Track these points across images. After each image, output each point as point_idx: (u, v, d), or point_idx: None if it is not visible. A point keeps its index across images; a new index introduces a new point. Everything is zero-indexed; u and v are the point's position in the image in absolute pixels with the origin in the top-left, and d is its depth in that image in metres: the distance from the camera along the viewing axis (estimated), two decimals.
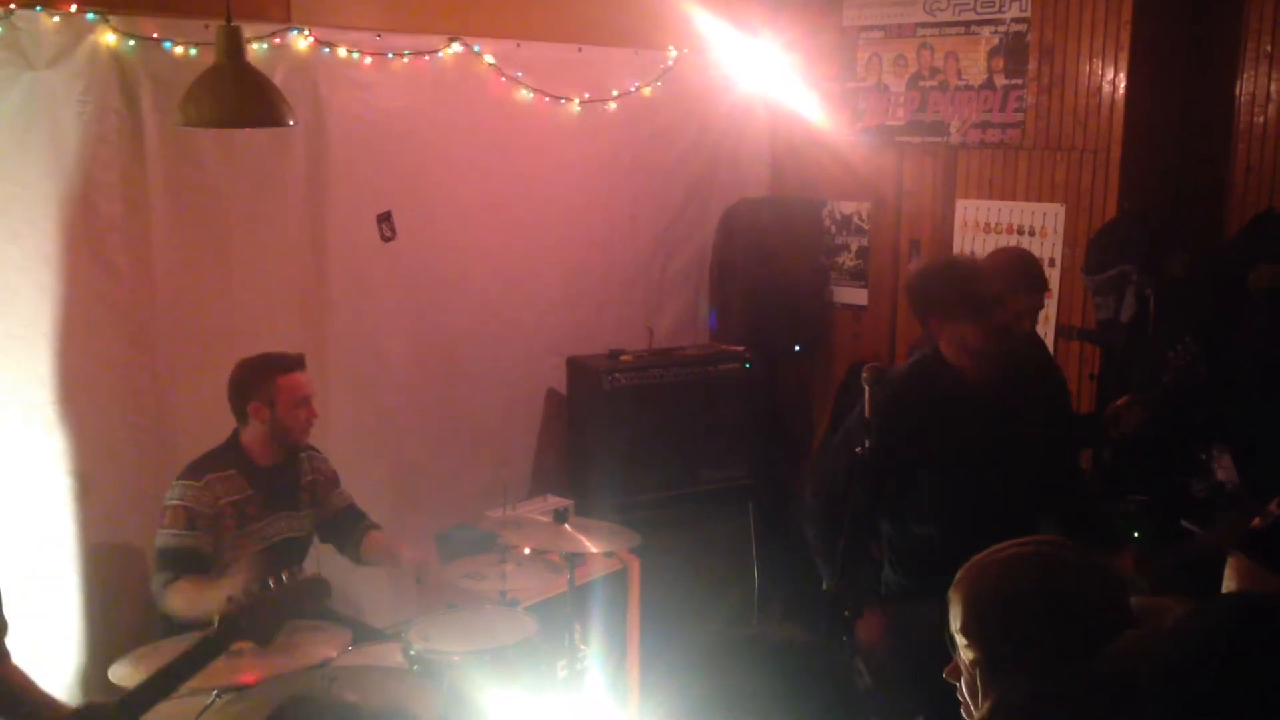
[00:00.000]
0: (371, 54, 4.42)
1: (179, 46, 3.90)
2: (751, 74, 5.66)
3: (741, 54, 5.60)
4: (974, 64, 5.16)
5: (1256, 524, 2.44)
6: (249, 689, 2.88)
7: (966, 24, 5.17)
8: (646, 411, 5.03)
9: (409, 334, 4.73)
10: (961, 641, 1.84)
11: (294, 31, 4.19)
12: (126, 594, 3.85)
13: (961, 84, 5.22)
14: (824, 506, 3.33)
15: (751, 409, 5.32)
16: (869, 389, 3.22)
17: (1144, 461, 4.38)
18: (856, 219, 5.72)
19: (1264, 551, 2.17)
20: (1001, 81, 5.07)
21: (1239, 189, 4.85)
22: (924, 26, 5.32)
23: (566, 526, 3.66)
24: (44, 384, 3.75)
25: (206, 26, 3.78)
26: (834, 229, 5.80)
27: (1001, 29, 5.05)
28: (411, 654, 3.29)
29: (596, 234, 5.33)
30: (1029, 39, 4.96)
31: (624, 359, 5.09)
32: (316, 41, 4.25)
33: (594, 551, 3.70)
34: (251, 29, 3.91)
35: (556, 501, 4.40)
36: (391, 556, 3.84)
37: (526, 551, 3.85)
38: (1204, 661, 1.48)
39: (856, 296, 5.77)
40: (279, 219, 4.30)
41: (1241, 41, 4.80)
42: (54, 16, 3.66)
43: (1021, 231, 5.06)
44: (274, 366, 3.63)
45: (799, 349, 5.78)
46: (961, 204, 5.28)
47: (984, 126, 5.16)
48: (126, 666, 3.04)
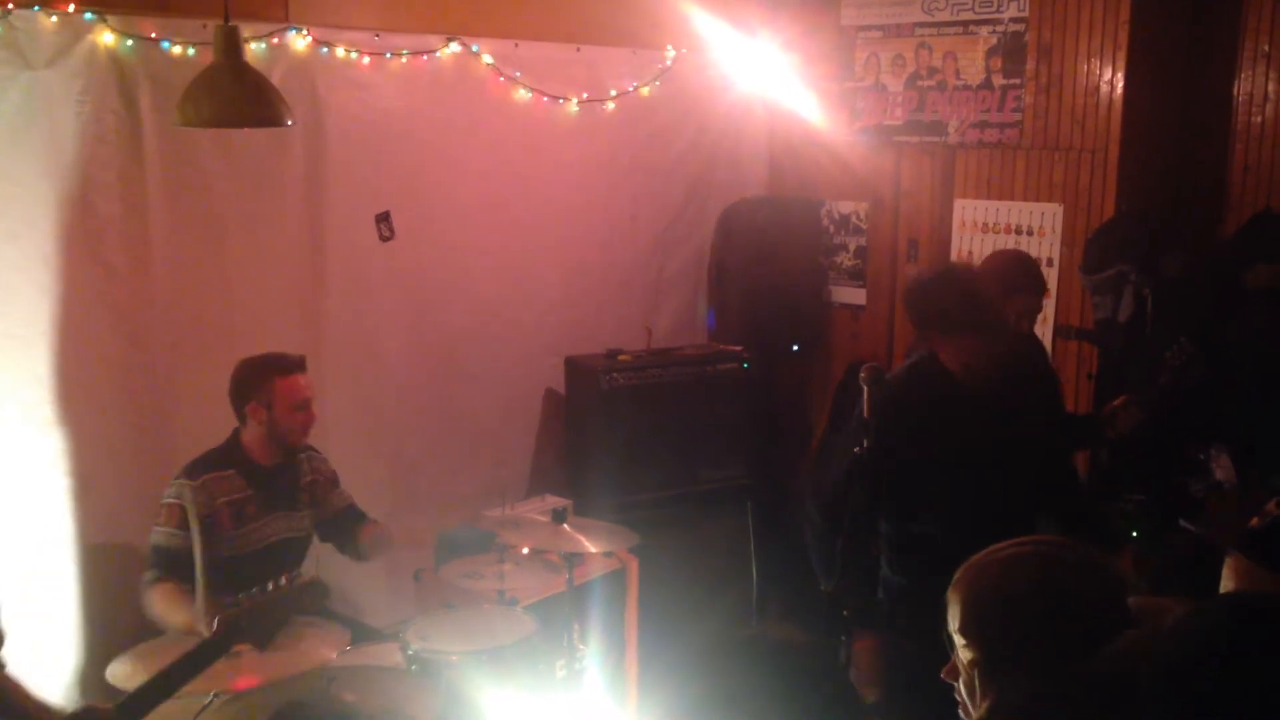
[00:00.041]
0: (370, 54, 4.42)
1: (177, 46, 3.90)
2: (750, 74, 5.66)
3: (740, 54, 5.60)
4: (972, 64, 5.16)
5: (1255, 524, 2.43)
6: (247, 690, 2.88)
7: (965, 24, 5.17)
8: (645, 411, 5.03)
9: (407, 334, 4.73)
10: (960, 641, 1.84)
11: (292, 31, 4.19)
12: (125, 594, 3.83)
13: (959, 84, 5.22)
14: (825, 508, 3.33)
15: (750, 409, 5.32)
16: (867, 389, 3.22)
17: (1141, 461, 4.38)
18: (855, 219, 5.72)
19: (1262, 551, 2.16)
20: (999, 81, 5.07)
21: (1237, 189, 4.85)
22: (922, 26, 5.32)
23: (565, 526, 3.67)
24: (42, 384, 3.75)
25: (205, 26, 3.78)
26: (832, 229, 5.80)
27: (1000, 29, 5.05)
28: (410, 654, 3.29)
29: (595, 234, 5.33)
30: (1027, 39, 4.96)
31: (622, 359, 5.09)
32: (315, 41, 4.25)
33: (592, 551, 3.70)
34: (250, 29, 3.91)
35: (555, 501, 4.40)
36: (387, 540, 3.87)
37: (525, 551, 3.85)
38: (1204, 661, 1.48)
39: (854, 296, 5.77)
40: (277, 219, 4.30)
41: (1239, 41, 4.81)
42: (52, 16, 3.66)
43: (1019, 231, 5.06)
44: (273, 368, 3.63)
45: (797, 349, 5.79)
46: (959, 204, 5.28)
47: (982, 126, 5.16)
48: (124, 666, 3.04)
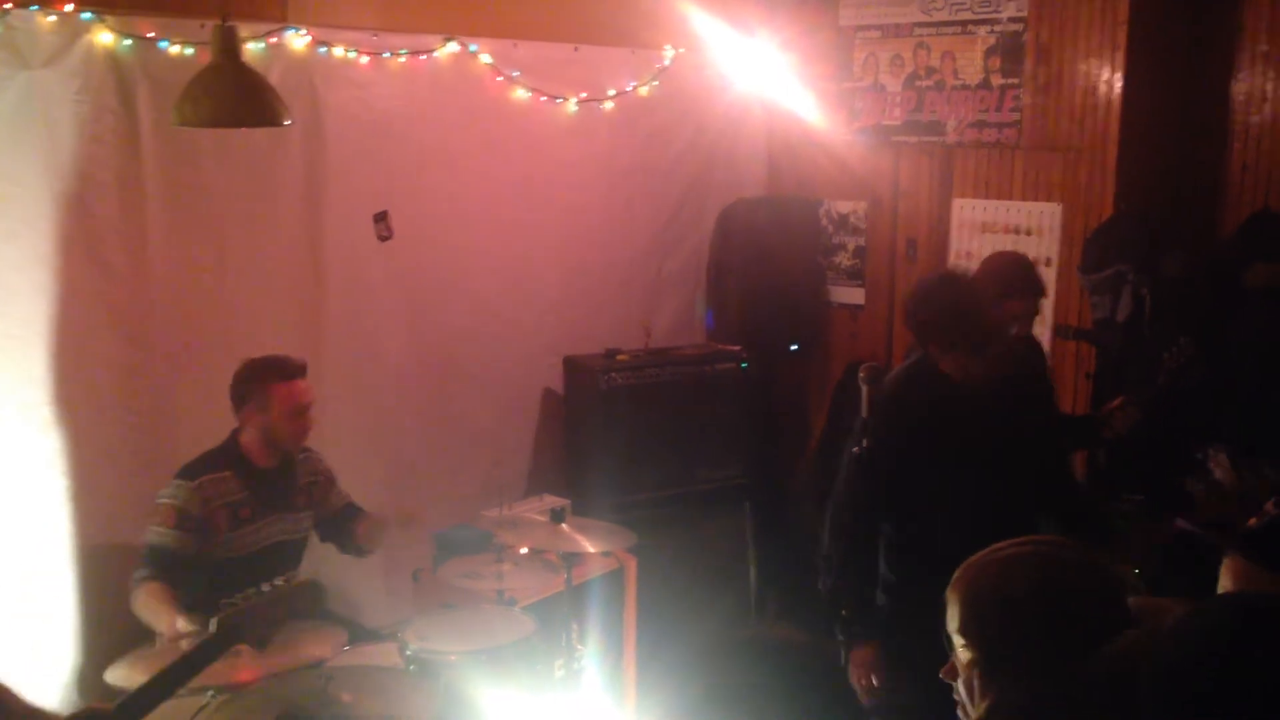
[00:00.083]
0: (368, 53, 4.42)
1: (175, 46, 3.89)
2: (748, 74, 5.66)
3: (738, 54, 5.59)
4: (970, 63, 5.16)
5: (1253, 524, 2.43)
6: (245, 690, 2.88)
7: (963, 24, 5.17)
8: (643, 411, 5.03)
9: (406, 334, 4.72)
10: (959, 641, 1.84)
11: (290, 31, 4.18)
12: (123, 595, 3.83)
13: (958, 83, 5.22)
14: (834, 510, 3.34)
15: (748, 408, 5.32)
16: (866, 388, 3.22)
17: (1139, 462, 4.38)
18: (853, 218, 5.72)
19: (1261, 551, 2.16)
20: (998, 81, 5.07)
21: (1235, 188, 4.85)
22: (920, 26, 5.32)
23: (563, 526, 3.67)
24: (40, 384, 3.75)
25: (203, 26, 3.77)
26: (830, 228, 5.80)
27: (998, 29, 5.05)
28: (408, 654, 3.29)
29: (593, 234, 5.32)
30: (1025, 39, 4.96)
31: (620, 359, 5.09)
32: (313, 41, 4.25)
33: (591, 551, 3.70)
34: (248, 28, 3.90)
35: (553, 501, 4.40)
36: (381, 526, 3.84)
37: (523, 551, 3.84)
38: (1204, 662, 1.47)
39: (853, 296, 5.77)
40: (276, 219, 4.30)
41: (1238, 41, 4.81)
42: (50, 16, 3.66)
43: (1018, 231, 5.06)
44: (272, 372, 3.61)
45: (795, 348, 5.78)
46: (958, 203, 5.28)
47: (980, 126, 5.16)
48: (123, 669, 3.04)
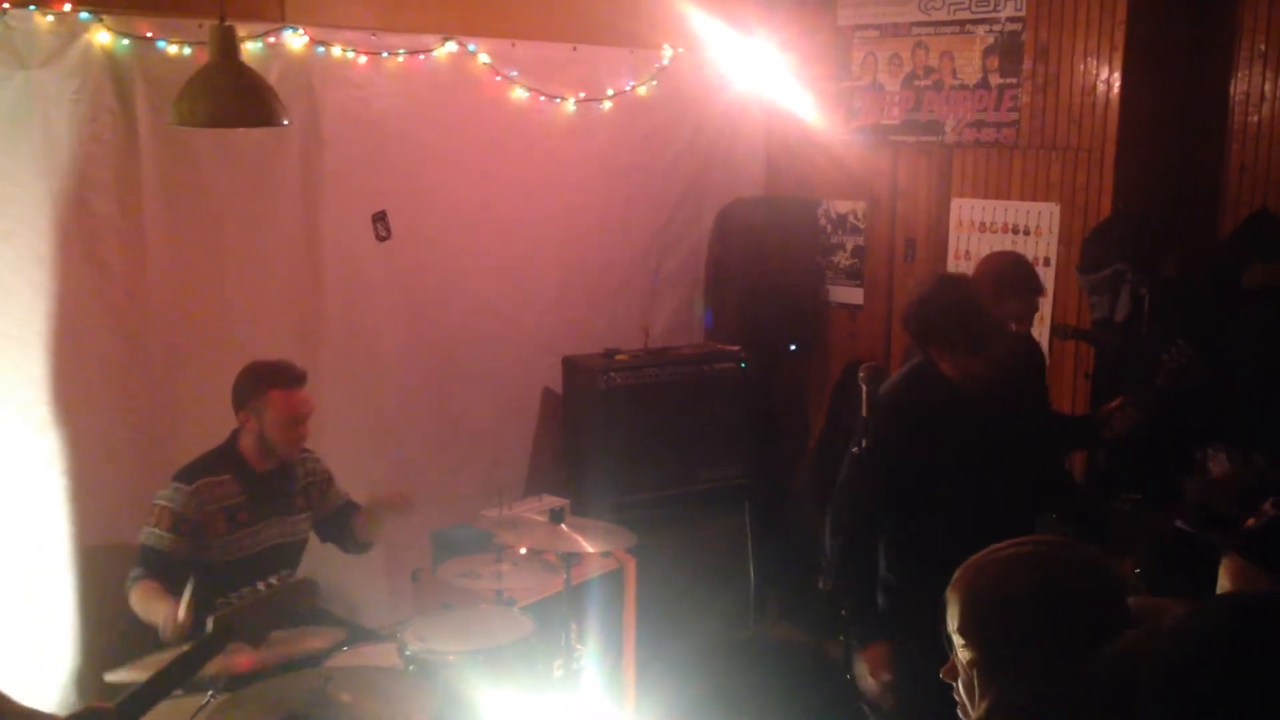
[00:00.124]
0: (366, 53, 4.41)
1: (173, 46, 3.89)
2: (747, 73, 5.66)
3: (737, 53, 5.59)
4: (969, 63, 5.16)
5: (1251, 524, 2.43)
6: (243, 690, 2.88)
7: (961, 23, 5.17)
8: (642, 411, 5.03)
9: (405, 333, 4.72)
10: (959, 641, 1.84)
11: (288, 30, 4.18)
12: (122, 595, 3.84)
13: (956, 83, 5.22)
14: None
15: (747, 408, 5.32)
16: (865, 388, 3.22)
17: (1138, 462, 4.38)
18: (852, 218, 5.72)
19: (1259, 552, 2.16)
20: (996, 80, 5.07)
21: (1233, 189, 4.86)
22: (919, 25, 5.32)
23: (562, 526, 3.67)
24: (38, 384, 3.74)
25: (201, 26, 3.77)
26: (829, 228, 5.80)
27: (996, 28, 5.05)
28: (407, 654, 3.29)
29: (592, 233, 5.32)
30: (1024, 38, 4.96)
31: (619, 358, 5.09)
32: (311, 41, 4.24)
33: (590, 551, 3.70)
34: (246, 28, 3.90)
35: (552, 501, 4.40)
36: (378, 514, 3.83)
37: (523, 551, 3.84)
38: (1204, 662, 1.47)
39: (852, 296, 5.77)
40: (274, 218, 4.29)
41: (1236, 41, 4.81)
42: (48, 16, 3.65)
43: (1016, 230, 5.06)
44: (271, 379, 3.59)
45: (794, 348, 5.78)
46: (956, 203, 5.28)
47: (979, 125, 5.16)
48: (123, 674, 3.04)
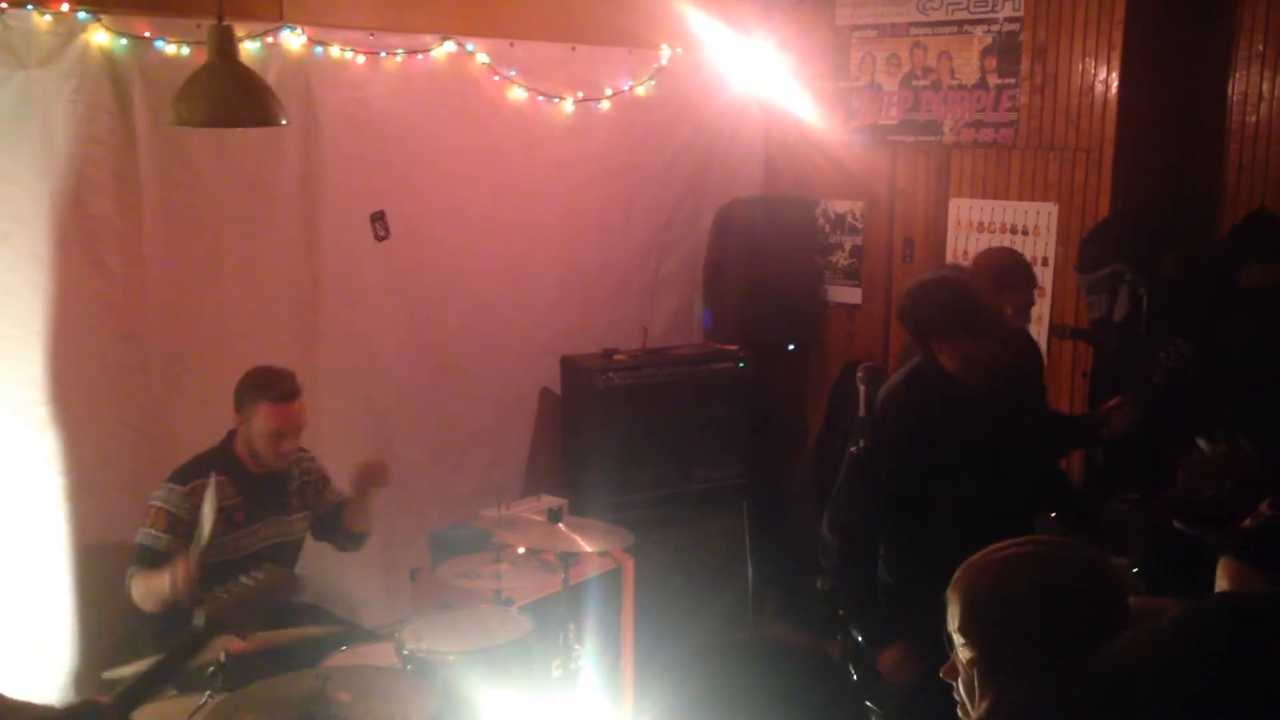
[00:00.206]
0: (364, 53, 4.41)
1: (171, 45, 3.89)
2: (745, 73, 5.66)
3: (735, 53, 5.59)
4: (967, 63, 5.17)
5: (1248, 524, 2.43)
6: (241, 690, 2.88)
7: (960, 23, 5.17)
8: (640, 411, 5.03)
9: (403, 333, 4.72)
10: (959, 641, 1.84)
11: (286, 30, 4.18)
12: (120, 594, 3.84)
13: (954, 83, 5.22)
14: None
15: (745, 408, 5.33)
16: (863, 388, 3.22)
17: (1136, 461, 4.38)
18: (850, 218, 5.72)
19: (1255, 552, 2.16)
20: (994, 81, 5.07)
21: (1231, 188, 4.86)
22: (917, 26, 5.32)
23: (561, 526, 3.67)
24: (36, 384, 3.74)
25: (199, 25, 3.78)
26: (827, 228, 5.80)
27: (994, 28, 5.05)
28: (405, 654, 3.28)
29: (590, 233, 5.32)
30: (1022, 38, 4.96)
31: (618, 358, 5.09)
32: (309, 40, 4.24)
33: (588, 550, 3.70)
34: (244, 28, 3.91)
35: (551, 501, 4.40)
36: (359, 495, 3.81)
37: (521, 551, 3.84)
38: (1203, 661, 1.47)
39: (850, 295, 5.77)
40: (272, 218, 4.29)
41: (1234, 41, 4.82)
42: (46, 16, 3.65)
43: (1014, 230, 5.06)
44: (260, 390, 3.57)
45: (793, 348, 5.78)
46: (955, 203, 5.29)
47: (977, 126, 5.16)
48: (122, 673, 3.04)
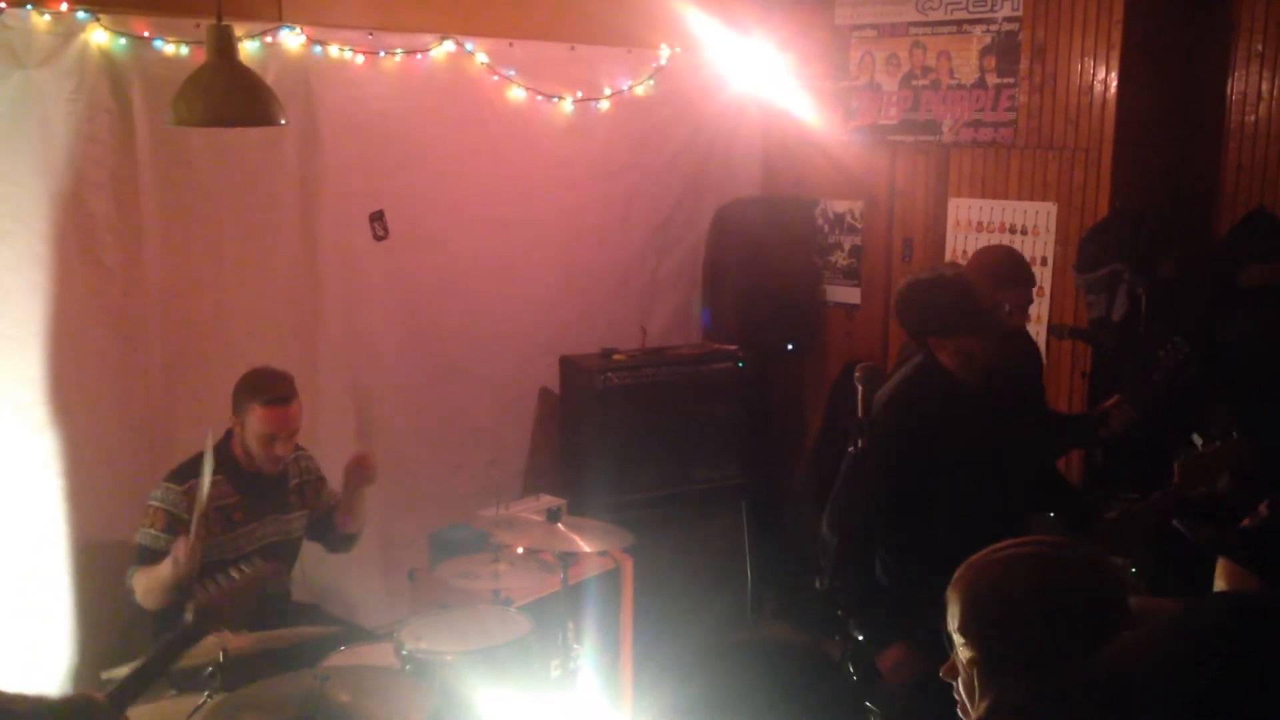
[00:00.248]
0: (364, 52, 4.41)
1: (170, 45, 3.89)
2: (744, 73, 5.66)
3: (734, 53, 5.59)
4: (966, 63, 5.17)
5: (1246, 524, 2.43)
6: (240, 690, 2.88)
7: (959, 23, 5.17)
8: (639, 411, 5.03)
9: (402, 333, 4.72)
10: (959, 641, 1.84)
11: (285, 30, 4.17)
12: (119, 594, 3.84)
13: (954, 83, 5.22)
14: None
15: (744, 408, 5.33)
16: (861, 388, 3.22)
17: (1135, 461, 4.38)
18: (849, 218, 5.72)
19: (1252, 553, 2.16)
20: (993, 80, 5.08)
21: (1230, 188, 4.86)
22: (916, 25, 5.32)
23: (560, 526, 3.67)
24: (35, 384, 3.74)
25: (198, 25, 3.78)
26: (827, 228, 5.80)
27: (993, 28, 5.05)
28: (404, 654, 3.28)
29: (589, 233, 5.32)
30: (1021, 38, 4.96)
31: (617, 358, 5.09)
32: (308, 40, 4.24)
33: (587, 551, 3.69)
34: (243, 28, 3.90)
35: (550, 501, 4.39)
36: (349, 493, 3.80)
37: (520, 551, 3.84)
38: (1203, 661, 1.47)
39: (849, 295, 5.77)
40: (271, 218, 4.29)
41: (1233, 41, 4.82)
42: (44, 15, 3.65)
43: (1013, 230, 5.06)
44: (256, 393, 3.56)
45: (792, 348, 5.78)
46: (954, 203, 5.29)
47: (976, 125, 5.16)
48: (121, 672, 3.03)
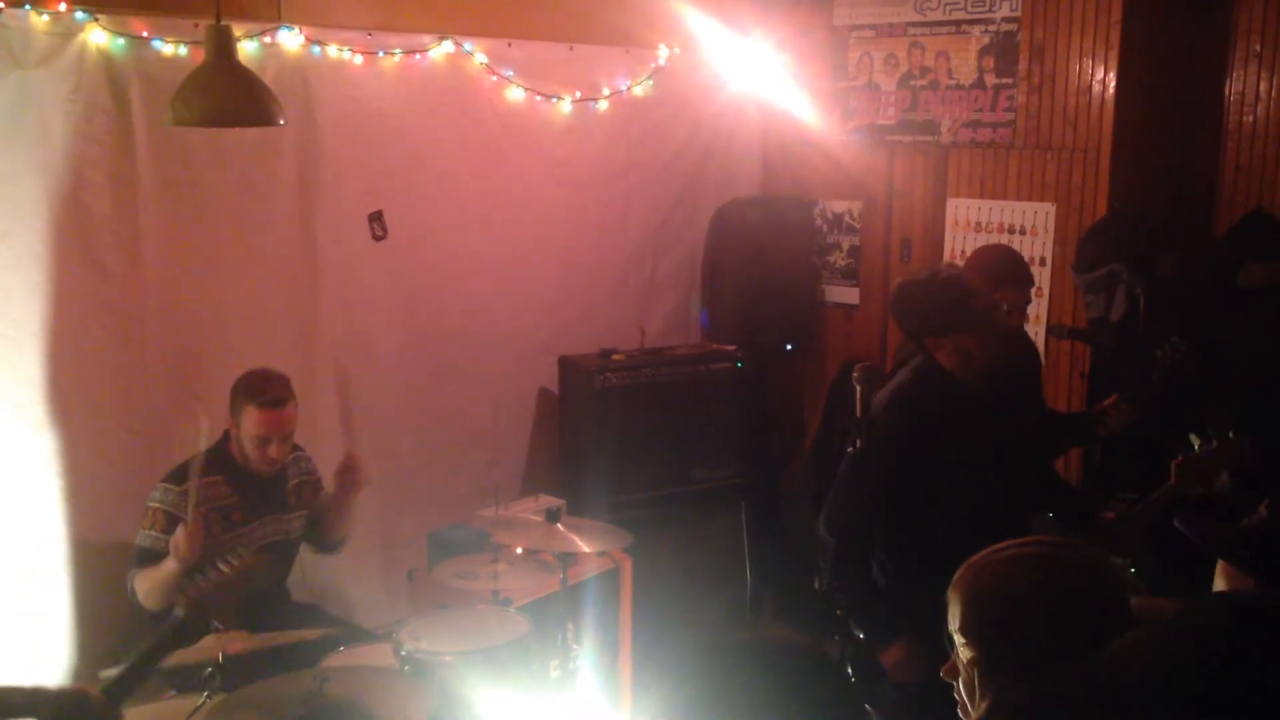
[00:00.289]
0: (362, 53, 4.41)
1: (168, 45, 3.89)
2: (743, 73, 5.66)
3: (733, 53, 5.59)
4: (965, 63, 5.17)
5: (1245, 524, 2.43)
6: (239, 691, 2.88)
7: (957, 23, 5.17)
8: (638, 411, 5.03)
9: (400, 333, 4.72)
10: (960, 641, 1.84)
11: (284, 30, 4.17)
12: (118, 594, 3.83)
13: (952, 83, 5.22)
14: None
15: (743, 408, 5.33)
16: (860, 389, 3.21)
17: (1134, 460, 4.38)
18: (848, 218, 5.72)
19: (1251, 553, 2.15)
20: (992, 81, 5.08)
21: (1229, 188, 4.87)
22: (915, 25, 5.33)
23: (559, 526, 3.67)
24: (34, 384, 3.74)
25: (196, 25, 3.78)
26: (825, 228, 5.80)
27: (992, 28, 5.05)
28: (403, 654, 3.28)
29: (588, 233, 5.32)
30: (1019, 38, 4.97)
31: (616, 358, 5.09)
32: (307, 40, 4.24)
33: (586, 551, 3.70)
34: (242, 28, 3.90)
35: (549, 501, 4.39)
36: (339, 500, 3.79)
37: (519, 551, 3.85)
38: (1203, 661, 1.47)
39: (848, 295, 5.77)
40: (269, 218, 4.29)
41: (1231, 42, 4.82)
42: (43, 15, 3.65)
43: (1012, 230, 5.07)
44: (251, 395, 3.55)
45: (790, 348, 5.79)
46: (952, 203, 5.29)
47: (974, 125, 5.16)
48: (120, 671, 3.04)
